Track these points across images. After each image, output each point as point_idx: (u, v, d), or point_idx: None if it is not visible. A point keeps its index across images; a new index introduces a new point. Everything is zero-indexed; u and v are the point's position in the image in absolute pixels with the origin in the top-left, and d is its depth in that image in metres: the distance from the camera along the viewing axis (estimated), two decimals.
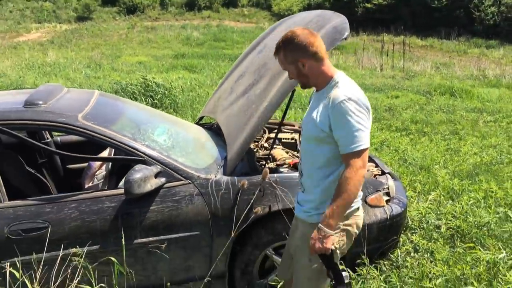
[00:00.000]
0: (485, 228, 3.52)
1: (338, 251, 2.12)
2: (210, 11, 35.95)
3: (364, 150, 1.96)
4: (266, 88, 2.89)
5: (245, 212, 2.57)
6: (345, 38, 2.74)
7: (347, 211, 2.06)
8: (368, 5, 31.61)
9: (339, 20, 2.88)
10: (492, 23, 29.09)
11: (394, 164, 5.42)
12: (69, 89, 3.19)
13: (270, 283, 2.79)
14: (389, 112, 9.13)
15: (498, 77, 17.01)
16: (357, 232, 2.21)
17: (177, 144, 2.90)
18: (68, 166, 3.74)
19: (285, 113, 3.20)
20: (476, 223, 3.53)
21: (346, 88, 2.01)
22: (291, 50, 2.04)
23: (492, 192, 4.14)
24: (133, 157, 2.54)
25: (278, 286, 2.62)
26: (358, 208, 2.18)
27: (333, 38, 2.75)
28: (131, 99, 7.94)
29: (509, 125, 8.35)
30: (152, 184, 2.43)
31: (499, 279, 2.64)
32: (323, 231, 1.97)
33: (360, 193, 2.17)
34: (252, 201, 2.61)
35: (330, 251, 2.00)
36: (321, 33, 2.82)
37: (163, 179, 2.53)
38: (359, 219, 2.20)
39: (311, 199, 2.15)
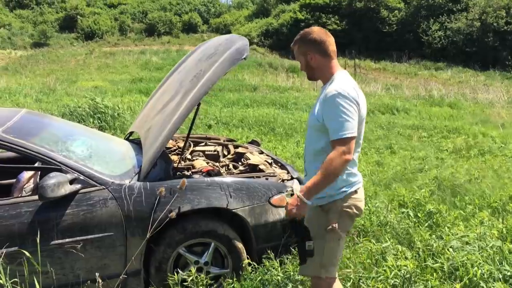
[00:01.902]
0: (387, 226, 3.94)
1: (340, 231, 2.35)
2: (170, 36, 36.46)
3: (350, 138, 2.21)
4: (179, 103, 3.23)
5: (159, 215, 2.85)
6: (244, 58, 3.14)
7: (344, 192, 2.35)
8: None
9: (241, 42, 3.29)
10: (440, 46, 30.76)
11: None
12: None
13: (183, 277, 3.04)
14: None
15: (443, 96, 18.10)
16: (358, 213, 2.43)
17: (95, 155, 3.18)
18: None
19: (191, 126, 3.54)
20: (378, 222, 3.94)
21: (338, 83, 2.30)
22: (304, 43, 2.38)
23: (400, 196, 4.57)
24: (49, 166, 2.79)
25: (189, 279, 2.89)
26: (356, 191, 2.41)
27: (234, 58, 3.15)
28: (79, 122, 8.12)
29: (441, 140, 9.01)
30: (66, 189, 2.69)
31: (381, 263, 3.02)
32: (300, 199, 2.23)
33: (360, 178, 2.45)
34: (169, 205, 2.90)
35: (301, 218, 2.27)
36: (226, 54, 3.23)
37: (78, 185, 2.79)
38: (358, 201, 2.42)
39: None
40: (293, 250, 3.30)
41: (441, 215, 4.13)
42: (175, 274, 2.99)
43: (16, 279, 2.54)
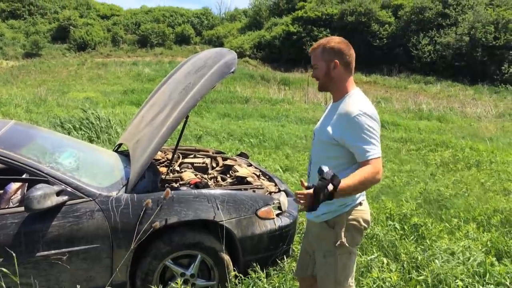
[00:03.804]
0: (374, 239, 3.97)
1: (349, 246, 2.30)
2: (163, 48, 36.53)
3: (379, 158, 2.18)
4: (167, 115, 3.27)
5: (145, 227, 2.87)
6: (233, 72, 3.19)
7: (349, 206, 2.30)
8: None
9: (230, 56, 3.34)
10: (429, 60, 31.15)
11: None
12: None
13: None
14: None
15: (432, 110, 18.33)
16: (365, 225, 2.37)
17: (82, 166, 3.20)
18: None
19: (179, 138, 3.58)
20: (365, 234, 3.97)
21: (360, 103, 2.23)
22: (331, 50, 2.28)
23: (387, 208, 4.62)
24: (36, 177, 2.80)
25: None
26: (361, 203, 2.36)
27: (223, 72, 3.21)
28: (69, 133, 8.11)
29: (428, 153, 9.11)
30: (53, 201, 2.69)
31: (366, 275, 3.05)
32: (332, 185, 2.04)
33: (363, 192, 2.37)
34: (152, 216, 2.92)
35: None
36: (215, 67, 3.28)
37: (65, 197, 2.80)
38: (364, 213, 2.37)
39: None
40: (279, 262, 3.32)
41: (426, 228, 4.18)
42: (161, 286, 3.01)
43: None
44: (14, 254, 2.54)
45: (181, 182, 3.56)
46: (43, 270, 2.75)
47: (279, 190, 3.69)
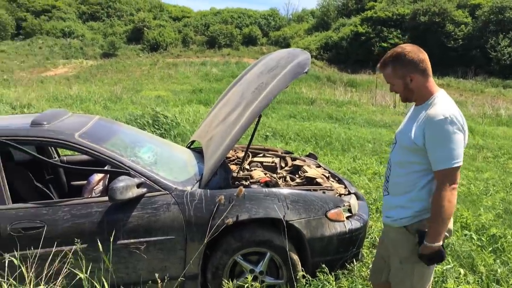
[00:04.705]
0: (449, 248, 3.80)
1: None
2: (230, 49, 37.28)
3: (458, 167, 2.07)
4: (240, 114, 3.33)
5: (218, 222, 2.95)
6: (306, 72, 3.19)
7: (427, 212, 2.18)
8: (385, 44, 32.31)
9: (304, 57, 3.34)
10: (509, 63, 29.24)
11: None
12: (73, 113, 3.70)
13: (239, 284, 3.10)
14: (390, 147, 9.44)
15: (511, 116, 17.16)
16: (447, 234, 2.27)
17: (160, 161, 3.34)
18: (72, 183, 4.21)
19: (251, 138, 3.62)
20: None
21: (444, 106, 2.11)
22: (402, 65, 2.17)
23: (463, 217, 4.40)
24: (119, 170, 2.97)
25: (245, 287, 2.95)
26: None
27: (296, 72, 3.21)
28: (142, 129, 8.51)
29: (507, 161, 8.55)
30: (134, 192, 2.85)
31: (441, 285, 2.92)
32: (429, 248, 2.12)
33: None
34: (226, 213, 2.99)
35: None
36: (288, 67, 3.30)
37: (144, 189, 2.95)
38: None
39: (395, 204, 2.30)
40: (348, 265, 3.27)
41: (506, 240, 3.93)
42: (231, 281, 3.07)
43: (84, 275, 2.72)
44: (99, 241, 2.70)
45: (251, 180, 3.62)
46: (123, 258, 2.91)
47: (349, 193, 3.64)
